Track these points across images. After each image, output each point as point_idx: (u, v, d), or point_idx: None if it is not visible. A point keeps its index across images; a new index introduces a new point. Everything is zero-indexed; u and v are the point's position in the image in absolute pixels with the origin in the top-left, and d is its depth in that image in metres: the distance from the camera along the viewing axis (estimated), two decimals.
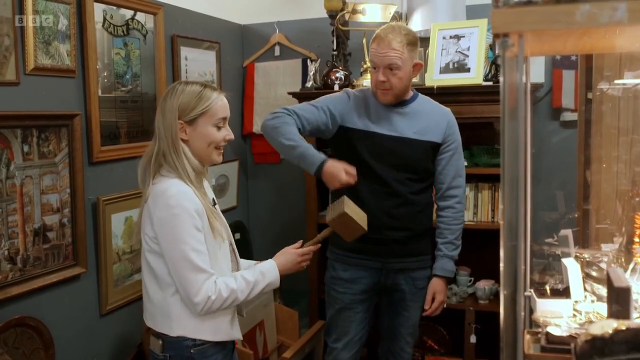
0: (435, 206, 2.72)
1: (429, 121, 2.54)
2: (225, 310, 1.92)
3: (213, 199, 2.06)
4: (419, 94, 2.64)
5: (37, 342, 2.42)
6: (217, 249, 1.92)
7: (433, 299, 2.59)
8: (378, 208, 2.50)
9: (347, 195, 2.35)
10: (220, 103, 1.93)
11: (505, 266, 0.98)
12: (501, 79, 0.98)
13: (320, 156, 2.41)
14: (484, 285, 3.28)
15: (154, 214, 1.84)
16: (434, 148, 2.55)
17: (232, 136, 1.98)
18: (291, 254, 2.05)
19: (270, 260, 2.02)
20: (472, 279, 3.37)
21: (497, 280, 3.34)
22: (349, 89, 2.68)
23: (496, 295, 3.31)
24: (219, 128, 1.93)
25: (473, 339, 3.17)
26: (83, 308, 2.71)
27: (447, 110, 2.63)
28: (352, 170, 2.38)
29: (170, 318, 1.89)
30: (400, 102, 2.54)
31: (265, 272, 1.95)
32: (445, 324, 3.43)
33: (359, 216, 2.19)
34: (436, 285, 2.58)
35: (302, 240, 2.15)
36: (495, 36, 0.94)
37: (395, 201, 2.52)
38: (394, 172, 2.51)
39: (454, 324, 3.34)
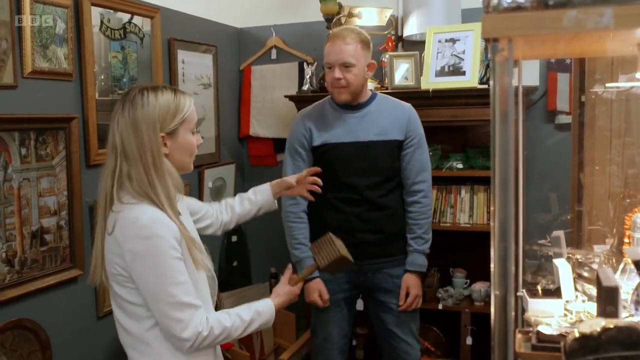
0: None
1: (389, 120, 2.57)
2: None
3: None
4: (378, 93, 2.69)
5: (34, 344, 2.43)
6: (198, 278, 1.74)
7: (408, 295, 2.62)
8: (350, 213, 2.57)
9: (320, 205, 2.45)
10: (193, 107, 1.77)
11: (496, 267, 1.00)
12: (491, 82, 1.00)
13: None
14: (479, 287, 3.29)
15: (124, 246, 1.63)
16: (398, 146, 2.58)
17: (201, 140, 1.84)
18: (290, 295, 1.93)
19: (268, 300, 1.87)
20: (468, 281, 3.38)
21: None
22: (304, 110, 2.74)
23: None
24: (193, 134, 1.77)
25: (469, 340, 3.18)
26: (80, 310, 2.72)
27: (407, 106, 2.65)
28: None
29: (151, 353, 1.70)
30: (357, 106, 2.58)
31: (262, 311, 1.81)
32: (441, 326, 3.45)
33: (346, 250, 2.08)
34: (409, 279, 2.62)
35: (290, 266, 2.04)
36: (486, 41, 0.96)
37: (365, 206, 2.58)
38: (361, 178, 2.56)
39: (450, 326, 3.36)
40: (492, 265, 1.00)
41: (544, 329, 1.23)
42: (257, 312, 1.79)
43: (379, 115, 2.58)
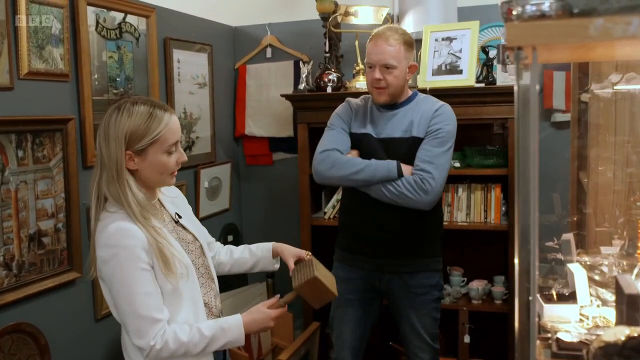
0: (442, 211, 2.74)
1: (417, 118, 2.52)
2: None
3: (176, 213, 1.89)
4: (419, 93, 2.64)
5: (33, 348, 2.41)
6: (178, 285, 1.72)
7: None
8: (371, 206, 2.52)
9: (347, 197, 2.42)
10: (171, 128, 1.73)
11: (520, 273, 0.99)
12: (515, 88, 0.99)
13: (391, 161, 2.46)
14: (477, 285, 3.30)
15: (97, 252, 1.70)
16: (418, 144, 2.50)
17: (184, 158, 1.81)
18: (264, 315, 1.83)
19: (237, 316, 1.80)
20: (465, 279, 3.39)
21: (490, 280, 3.37)
22: (351, 99, 2.71)
23: (489, 295, 3.34)
24: (169, 153, 1.75)
25: (467, 338, 3.19)
26: (78, 313, 2.69)
27: (439, 104, 2.55)
28: None
29: (127, 353, 1.78)
30: (394, 105, 2.56)
31: (228, 328, 1.75)
32: (439, 324, 3.45)
33: (329, 280, 1.99)
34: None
35: (279, 295, 1.94)
36: (509, 49, 0.96)
37: (379, 204, 2.53)
38: None
39: (448, 324, 3.36)
40: (516, 272, 1.00)
41: (563, 336, 1.23)
42: (221, 328, 1.75)
43: (410, 113, 2.53)
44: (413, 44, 2.53)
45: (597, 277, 1.56)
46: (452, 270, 3.42)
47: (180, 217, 1.89)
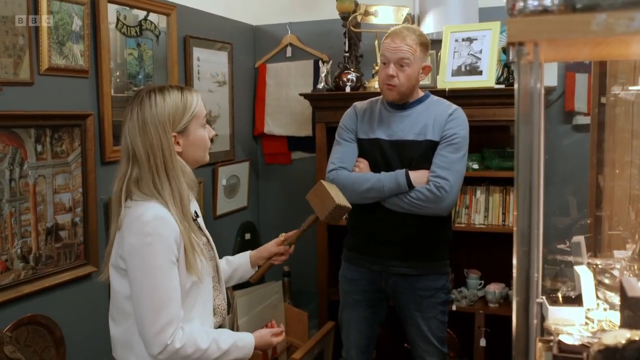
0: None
1: (430, 121, 2.49)
2: None
3: (195, 211, 1.88)
4: (431, 95, 2.62)
5: (48, 340, 2.44)
6: (193, 286, 1.72)
7: None
8: (380, 207, 2.51)
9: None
10: (200, 101, 1.78)
11: (518, 273, 0.98)
12: (516, 86, 0.98)
13: (399, 172, 2.46)
14: (494, 288, 3.27)
15: (126, 239, 1.65)
16: (433, 147, 2.48)
17: (213, 132, 1.85)
18: (268, 342, 1.92)
19: (250, 337, 1.85)
20: (482, 282, 3.36)
21: (508, 284, 3.33)
22: (357, 103, 2.70)
23: (506, 298, 3.30)
24: (204, 127, 1.79)
25: (483, 342, 3.16)
26: (94, 306, 2.72)
27: (453, 107, 2.53)
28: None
29: (132, 350, 1.71)
30: (404, 105, 2.55)
31: (242, 346, 1.80)
32: (455, 327, 3.43)
33: (342, 197, 2.18)
34: None
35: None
36: (511, 44, 0.94)
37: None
38: None
39: (464, 327, 3.34)
40: (514, 272, 0.98)
41: (565, 339, 1.21)
42: (235, 345, 1.77)
43: (423, 115, 2.51)
44: (429, 45, 2.53)
45: (607, 281, 1.53)
46: (470, 273, 3.39)
47: (197, 215, 1.89)
